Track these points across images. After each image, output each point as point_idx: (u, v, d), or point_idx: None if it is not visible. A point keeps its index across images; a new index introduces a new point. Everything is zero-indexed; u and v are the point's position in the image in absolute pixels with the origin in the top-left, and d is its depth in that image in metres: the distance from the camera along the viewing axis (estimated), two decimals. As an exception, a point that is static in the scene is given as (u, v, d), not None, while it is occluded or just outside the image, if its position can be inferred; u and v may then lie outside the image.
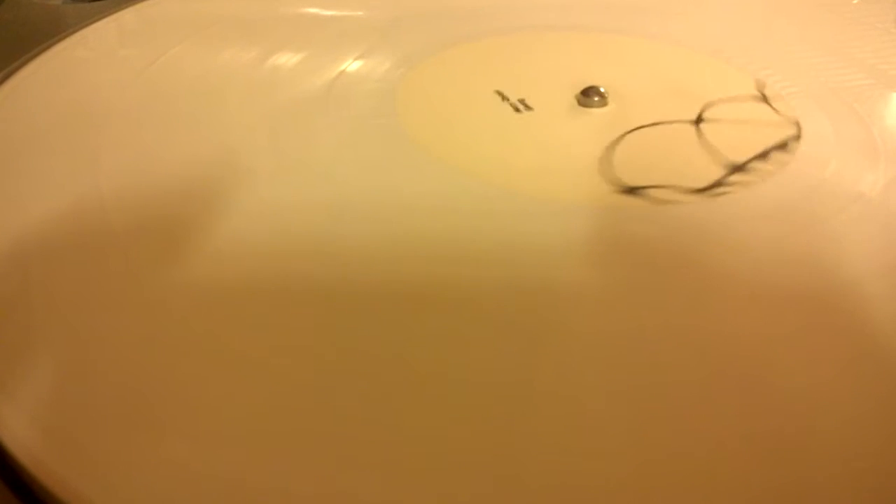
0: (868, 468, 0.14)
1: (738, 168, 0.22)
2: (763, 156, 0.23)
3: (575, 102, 0.25)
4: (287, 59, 0.28)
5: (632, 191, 0.21)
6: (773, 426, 0.15)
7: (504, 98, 0.26)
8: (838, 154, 0.23)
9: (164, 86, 0.26)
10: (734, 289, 0.18)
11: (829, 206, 0.21)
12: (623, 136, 0.24)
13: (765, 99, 0.26)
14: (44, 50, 0.27)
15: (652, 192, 0.21)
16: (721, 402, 0.15)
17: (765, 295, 0.18)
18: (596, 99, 0.25)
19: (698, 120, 0.25)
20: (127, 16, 0.30)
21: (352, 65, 0.27)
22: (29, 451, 0.14)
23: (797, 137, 0.24)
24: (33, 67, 0.26)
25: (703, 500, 0.14)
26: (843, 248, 0.20)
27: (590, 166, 0.22)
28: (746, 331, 0.17)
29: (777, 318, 0.17)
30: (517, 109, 0.25)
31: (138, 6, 0.31)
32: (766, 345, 0.17)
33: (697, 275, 0.19)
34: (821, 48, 0.30)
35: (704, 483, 0.14)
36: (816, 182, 0.22)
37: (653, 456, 0.14)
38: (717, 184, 0.22)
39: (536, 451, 0.14)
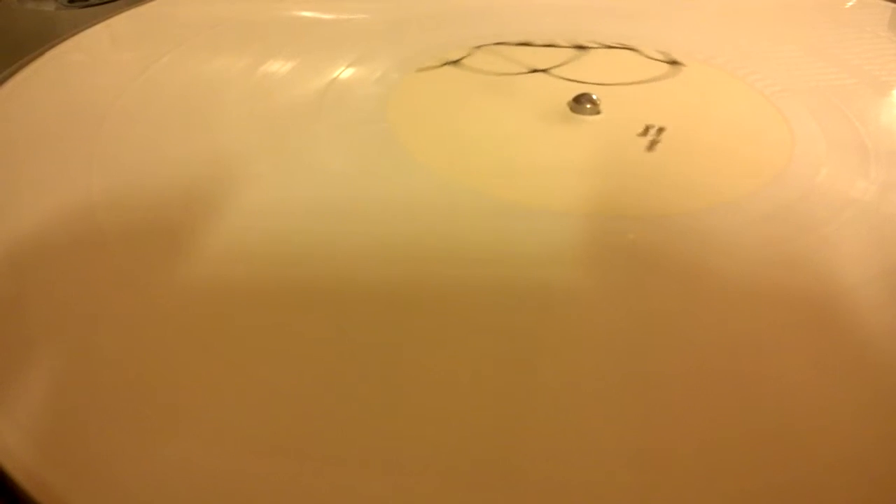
0: (861, 468, 0.14)
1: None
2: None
3: (567, 110, 0.25)
4: (280, 66, 0.28)
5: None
6: (768, 426, 0.15)
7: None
8: (830, 158, 0.23)
9: (158, 91, 0.26)
10: (727, 291, 0.18)
11: (823, 210, 0.21)
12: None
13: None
14: (38, 55, 0.27)
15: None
16: (715, 403, 0.15)
17: (757, 298, 0.18)
18: (588, 106, 0.25)
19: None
20: (120, 22, 0.30)
21: (345, 71, 0.27)
22: (23, 462, 0.14)
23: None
24: (27, 73, 0.26)
25: (699, 497, 0.14)
26: (837, 251, 0.20)
27: (581, 172, 0.22)
28: (739, 333, 0.17)
29: (770, 320, 0.18)
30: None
31: (130, 12, 0.31)
32: (758, 346, 0.17)
33: (690, 279, 0.19)
34: (813, 52, 0.30)
35: (700, 480, 0.14)
36: (809, 186, 0.22)
37: (648, 455, 0.14)
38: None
39: (530, 449, 0.14)
